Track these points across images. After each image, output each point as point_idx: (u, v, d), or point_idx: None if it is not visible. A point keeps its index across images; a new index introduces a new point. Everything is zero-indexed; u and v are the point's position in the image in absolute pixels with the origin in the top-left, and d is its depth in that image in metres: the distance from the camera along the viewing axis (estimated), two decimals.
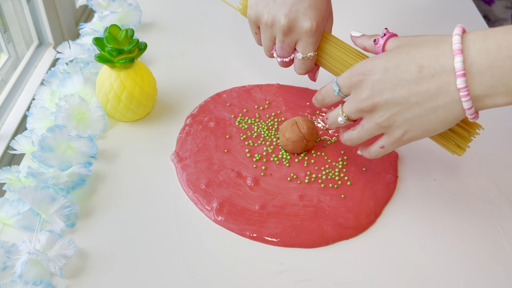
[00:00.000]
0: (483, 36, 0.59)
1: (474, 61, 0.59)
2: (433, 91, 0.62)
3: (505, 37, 0.57)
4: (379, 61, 0.66)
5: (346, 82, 0.69)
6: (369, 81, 0.66)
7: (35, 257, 0.69)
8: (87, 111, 0.90)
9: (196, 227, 0.79)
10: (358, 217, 0.80)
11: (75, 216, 0.79)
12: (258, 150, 0.90)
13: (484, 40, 0.58)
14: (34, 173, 0.78)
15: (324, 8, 0.81)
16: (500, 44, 0.57)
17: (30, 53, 1.22)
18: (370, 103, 0.67)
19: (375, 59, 0.67)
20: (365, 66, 0.67)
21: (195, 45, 1.15)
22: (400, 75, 0.63)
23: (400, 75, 0.63)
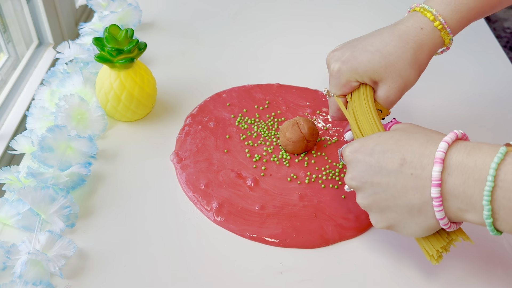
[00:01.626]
0: (468, 151, 0.57)
1: (451, 172, 0.58)
2: (409, 188, 0.61)
3: (483, 159, 0.56)
4: (369, 142, 0.66)
5: (345, 156, 0.69)
6: (355, 160, 0.67)
7: (35, 257, 0.69)
8: (87, 111, 0.90)
9: (195, 228, 0.79)
10: (359, 218, 0.80)
11: (74, 216, 0.78)
12: (258, 150, 0.89)
13: (467, 155, 0.57)
14: (34, 173, 0.78)
15: (365, 62, 0.76)
16: (477, 165, 0.56)
17: (30, 53, 1.22)
18: (353, 183, 0.67)
19: (368, 138, 0.67)
20: (359, 144, 0.67)
21: (195, 45, 1.15)
22: (383, 163, 0.63)
23: (383, 163, 0.63)
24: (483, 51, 1.16)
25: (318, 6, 1.30)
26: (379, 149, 0.64)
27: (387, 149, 0.63)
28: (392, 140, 0.64)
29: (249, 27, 1.22)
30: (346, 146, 0.69)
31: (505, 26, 2.68)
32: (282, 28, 1.22)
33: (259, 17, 1.26)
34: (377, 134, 0.66)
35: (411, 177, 0.61)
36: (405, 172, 0.61)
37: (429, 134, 0.63)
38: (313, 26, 1.23)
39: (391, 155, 0.63)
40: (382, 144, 0.64)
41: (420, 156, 0.60)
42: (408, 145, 0.62)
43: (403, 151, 0.62)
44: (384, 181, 0.63)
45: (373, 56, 0.75)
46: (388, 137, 0.65)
